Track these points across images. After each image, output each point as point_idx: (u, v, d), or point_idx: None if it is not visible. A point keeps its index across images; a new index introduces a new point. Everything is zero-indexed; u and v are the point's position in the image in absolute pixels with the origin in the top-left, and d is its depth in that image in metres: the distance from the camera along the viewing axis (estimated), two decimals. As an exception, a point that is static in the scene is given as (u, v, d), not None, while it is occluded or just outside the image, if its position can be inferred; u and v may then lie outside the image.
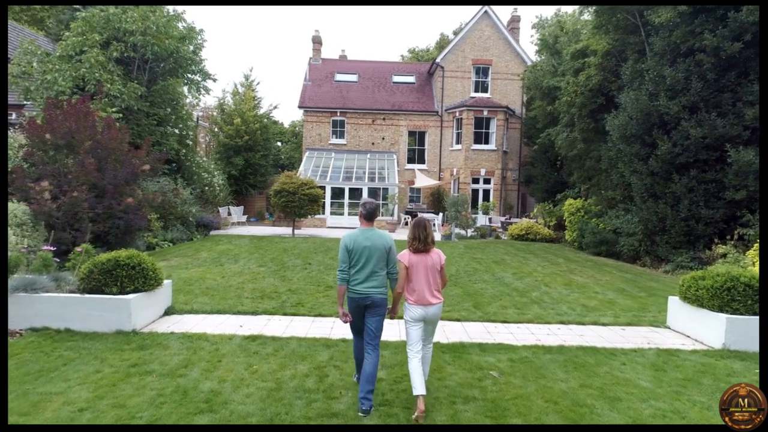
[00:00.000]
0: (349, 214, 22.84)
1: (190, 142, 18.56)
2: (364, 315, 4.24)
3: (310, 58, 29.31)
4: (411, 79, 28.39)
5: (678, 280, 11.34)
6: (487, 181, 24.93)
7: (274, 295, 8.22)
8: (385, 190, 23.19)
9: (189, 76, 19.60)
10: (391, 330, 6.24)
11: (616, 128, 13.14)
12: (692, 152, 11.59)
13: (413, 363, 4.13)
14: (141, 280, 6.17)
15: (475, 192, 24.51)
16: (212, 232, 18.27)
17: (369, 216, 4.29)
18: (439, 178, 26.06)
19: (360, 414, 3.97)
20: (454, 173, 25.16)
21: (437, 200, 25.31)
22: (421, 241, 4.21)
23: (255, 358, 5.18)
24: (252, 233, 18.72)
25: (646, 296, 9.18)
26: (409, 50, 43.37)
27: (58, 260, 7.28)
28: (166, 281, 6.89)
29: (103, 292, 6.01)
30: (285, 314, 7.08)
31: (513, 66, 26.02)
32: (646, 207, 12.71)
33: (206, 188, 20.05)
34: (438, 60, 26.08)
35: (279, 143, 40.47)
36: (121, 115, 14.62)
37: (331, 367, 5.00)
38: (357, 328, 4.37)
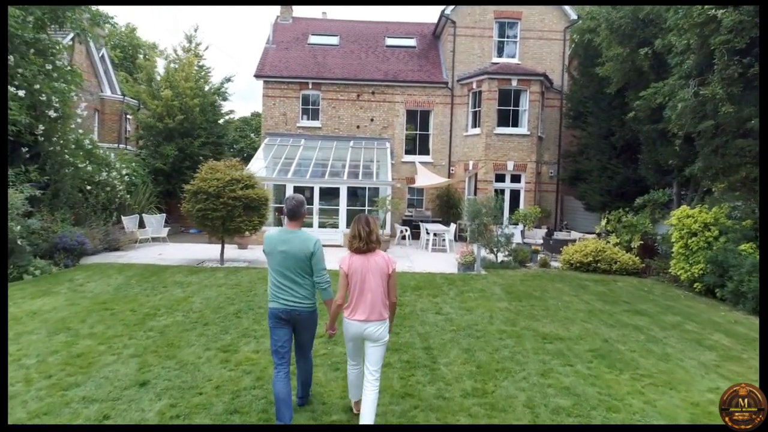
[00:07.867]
0: (321, 225, 15.73)
1: (55, 114, 11.44)
2: (292, 330, 3.79)
3: (277, 17, 22.23)
4: (411, 42, 21.26)
5: None
6: (516, 179, 17.84)
7: None
8: (374, 190, 16.08)
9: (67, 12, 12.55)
10: None
11: None
12: None
13: (351, 374, 4.01)
14: None
15: (499, 193, 17.38)
16: (94, 258, 11.30)
17: (290, 214, 3.76)
18: (449, 175, 18.92)
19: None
20: (470, 168, 18.04)
21: (446, 205, 18.19)
22: (362, 239, 3.67)
23: None
24: (160, 258, 11.66)
25: None
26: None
27: None
28: None
29: None
30: None
31: (550, 21, 18.93)
32: None
33: (92, 189, 12.98)
34: (447, 12, 18.96)
35: (252, 134, 33.85)
36: None
37: None
38: (280, 349, 3.71)
